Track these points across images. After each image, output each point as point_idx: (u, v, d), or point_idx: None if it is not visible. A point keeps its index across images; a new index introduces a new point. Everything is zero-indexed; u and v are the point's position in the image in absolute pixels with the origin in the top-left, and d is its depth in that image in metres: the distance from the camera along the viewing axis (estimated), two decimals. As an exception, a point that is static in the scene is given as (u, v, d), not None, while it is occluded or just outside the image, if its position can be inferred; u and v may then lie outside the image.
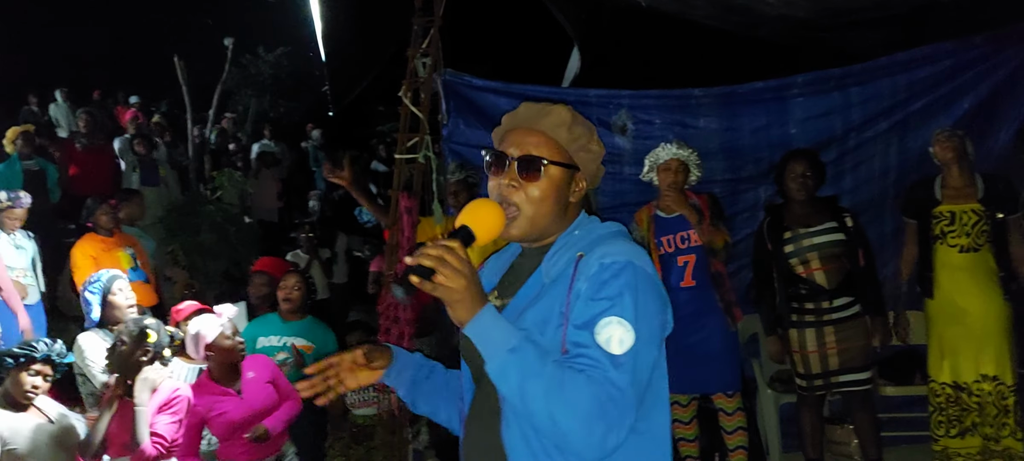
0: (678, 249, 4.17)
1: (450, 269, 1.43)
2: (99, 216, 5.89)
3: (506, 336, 1.46)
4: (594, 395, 1.43)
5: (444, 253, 1.44)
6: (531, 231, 1.64)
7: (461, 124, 5.02)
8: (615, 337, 1.46)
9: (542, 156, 1.61)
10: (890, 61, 4.85)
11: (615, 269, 1.50)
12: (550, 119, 1.64)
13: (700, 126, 5.02)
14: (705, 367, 4.11)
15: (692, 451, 4.29)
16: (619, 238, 1.62)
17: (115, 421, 3.33)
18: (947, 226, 4.05)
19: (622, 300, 1.48)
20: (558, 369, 1.45)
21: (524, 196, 1.61)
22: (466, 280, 1.45)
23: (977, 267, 4.01)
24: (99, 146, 9.33)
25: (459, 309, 1.47)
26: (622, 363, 1.45)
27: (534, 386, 1.44)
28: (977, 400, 4.01)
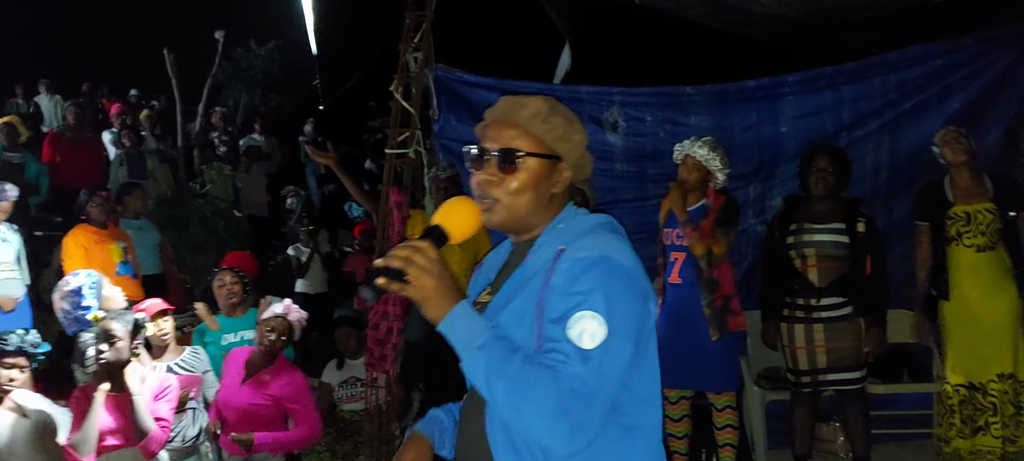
0: (673, 244, 4.17)
1: (417, 269, 1.45)
2: (91, 209, 5.83)
3: (475, 333, 1.47)
4: (559, 391, 1.42)
5: (411, 253, 1.46)
6: (510, 220, 1.63)
7: (452, 119, 5.01)
8: (587, 332, 1.45)
9: (518, 148, 1.60)
10: (881, 60, 4.86)
11: (587, 263, 1.49)
12: (526, 111, 1.63)
13: (691, 124, 5.02)
14: (694, 364, 4.09)
15: (680, 448, 4.29)
16: (601, 231, 1.60)
17: (114, 414, 3.32)
18: (963, 226, 4.04)
19: (594, 295, 1.47)
20: (525, 365, 1.44)
21: (502, 190, 1.61)
22: (434, 279, 1.46)
23: (992, 266, 4.01)
24: (86, 138, 9.26)
25: (429, 308, 1.48)
26: (591, 358, 1.44)
27: (500, 381, 1.44)
28: (992, 400, 4.01)
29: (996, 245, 4.02)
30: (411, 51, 4.79)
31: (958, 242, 4.06)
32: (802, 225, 4.03)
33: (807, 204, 4.08)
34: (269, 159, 11.41)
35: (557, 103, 1.67)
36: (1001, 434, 4.00)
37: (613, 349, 1.46)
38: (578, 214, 1.67)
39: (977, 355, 4.03)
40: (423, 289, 1.46)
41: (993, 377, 4.00)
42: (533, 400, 1.42)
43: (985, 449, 4.03)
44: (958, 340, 4.08)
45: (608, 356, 1.45)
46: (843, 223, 3.99)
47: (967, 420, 4.05)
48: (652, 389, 1.60)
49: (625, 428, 1.54)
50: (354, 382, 4.92)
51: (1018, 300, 4.02)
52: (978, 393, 4.04)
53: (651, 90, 5.17)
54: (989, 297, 4.00)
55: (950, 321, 4.11)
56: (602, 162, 5.09)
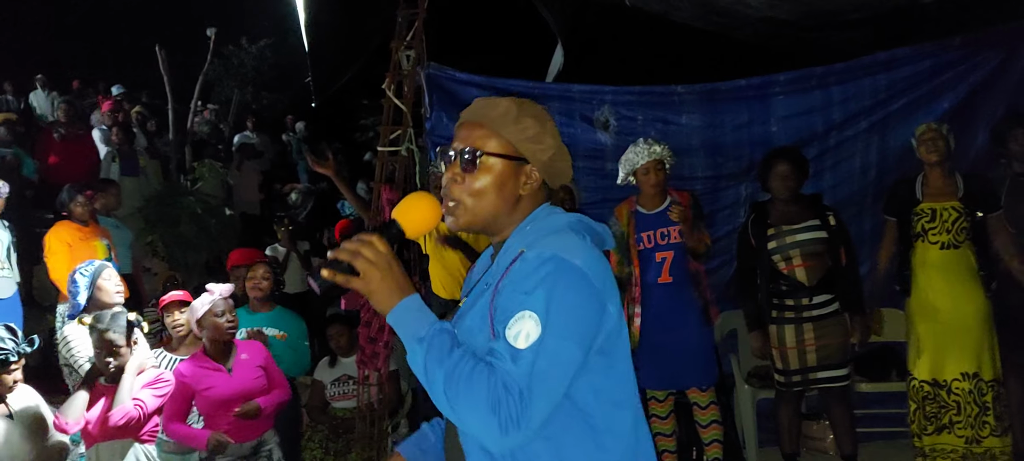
0: (657, 245, 4.18)
1: (364, 261, 1.47)
2: (74, 206, 5.81)
3: (418, 326, 1.48)
4: (490, 389, 1.42)
5: (359, 247, 1.48)
6: (474, 221, 1.63)
7: (444, 117, 5.01)
8: (523, 332, 1.44)
9: (479, 148, 1.60)
10: (871, 61, 4.89)
11: (536, 263, 1.48)
12: (495, 111, 1.63)
13: (682, 123, 5.04)
14: (681, 363, 4.13)
15: (669, 446, 4.31)
16: (564, 233, 1.57)
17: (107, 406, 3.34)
18: (928, 223, 4.08)
19: (535, 294, 1.46)
20: (463, 361, 1.44)
21: (463, 189, 1.61)
22: (380, 272, 1.48)
23: (957, 264, 4.04)
24: (78, 135, 9.23)
25: (376, 300, 1.50)
26: (522, 357, 1.43)
27: (436, 375, 1.44)
28: (956, 399, 4.04)
29: (962, 244, 4.04)
30: (403, 49, 4.79)
31: (924, 238, 4.09)
32: (780, 228, 4.07)
33: (775, 208, 4.13)
34: (261, 156, 11.39)
35: (530, 105, 1.65)
36: (964, 434, 4.03)
37: (548, 349, 1.44)
38: (551, 215, 1.64)
39: (941, 352, 4.06)
40: (370, 282, 1.48)
41: (957, 376, 4.03)
42: (466, 395, 1.42)
43: (948, 447, 4.06)
44: (922, 336, 4.12)
45: (541, 356, 1.43)
46: (817, 220, 4.05)
47: (931, 417, 4.09)
48: (623, 392, 1.58)
49: (593, 430, 1.52)
50: (346, 380, 4.93)
51: (985, 301, 4.05)
52: (942, 390, 4.07)
53: (642, 89, 5.18)
54: (954, 295, 4.03)
55: (915, 317, 4.15)
56: (593, 161, 5.10)
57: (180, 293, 4.22)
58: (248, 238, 9.58)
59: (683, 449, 4.43)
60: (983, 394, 4.02)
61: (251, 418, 3.58)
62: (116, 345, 3.37)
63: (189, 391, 3.62)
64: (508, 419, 1.41)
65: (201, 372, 3.65)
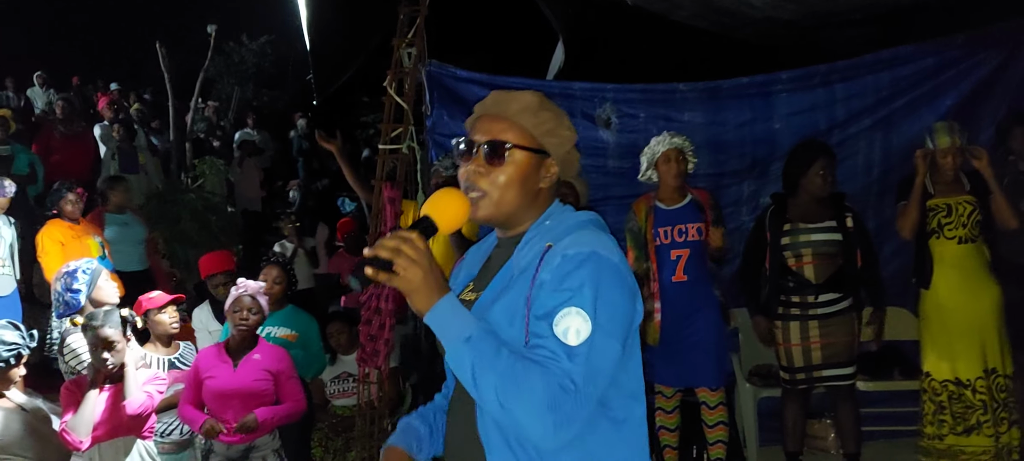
0: (674, 242, 4.15)
1: (406, 259, 1.44)
2: (63, 204, 5.77)
3: (462, 326, 1.46)
4: (547, 386, 1.42)
5: (400, 244, 1.45)
6: (497, 213, 1.63)
7: (444, 115, 5.00)
8: (573, 328, 1.45)
9: (506, 141, 1.60)
10: (874, 58, 4.87)
11: (578, 260, 1.49)
12: (516, 104, 1.63)
13: (684, 120, 5.02)
14: (692, 361, 4.12)
15: (671, 441, 4.30)
16: (589, 227, 1.59)
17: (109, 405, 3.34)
18: (944, 218, 4.05)
19: (582, 291, 1.46)
20: (513, 360, 1.44)
21: (490, 181, 1.61)
22: (422, 270, 1.45)
23: (974, 259, 4.02)
24: (77, 132, 9.21)
25: (417, 299, 1.47)
26: (577, 354, 1.44)
27: (487, 376, 1.43)
28: (982, 398, 4.01)
29: (977, 238, 4.03)
30: (404, 46, 4.77)
31: (940, 234, 4.06)
32: (797, 225, 4.03)
33: (797, 203, 4.08)
34: (262, 154, 11.38)
35: (546, 98, 1.67)
36: (992, 432, 4.01)
37: (599, 346, 1.46)
38: (565, 211, 1.66)
39: (961, 350, 4.03)
40: (411, 280, 1.45)
41: (980, 373, 4.01)
42: (521, 395, 1.42)
43: (978, 448, 4.03)
44: (939, 334, 4.09)
45: (594, 353, 1.45)
46: (834, 220, 4.01)
47: (959, 418, 4.05)
48: (638, 384, 1.61)
49: (614, 422, 1.55)
50: (346, 378, 4.92)
51: (1000, 294, 4.03)
52: (967, 390, 4.04)
53: (644, 86, 5.16)
54: (972, 291, 4.01)
55: (931, 315, 4.12)
56: (594, 158, 5.08)
57: (159, 295, 4.18)
58: (250, 235, 9.58)
59: (683, 446, 4.42)
60: (1002, 390, 4.00)
61: (249, 432, 3.58)
62: (113, 340, 3.35)
63: (199, 377, 3.70)
64: (565, 417, 1.42)
65: (212, 362, 3.73)
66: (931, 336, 4.13)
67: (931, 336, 4.13)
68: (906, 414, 4.52)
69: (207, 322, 4.82)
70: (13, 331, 3.27)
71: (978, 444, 4.04)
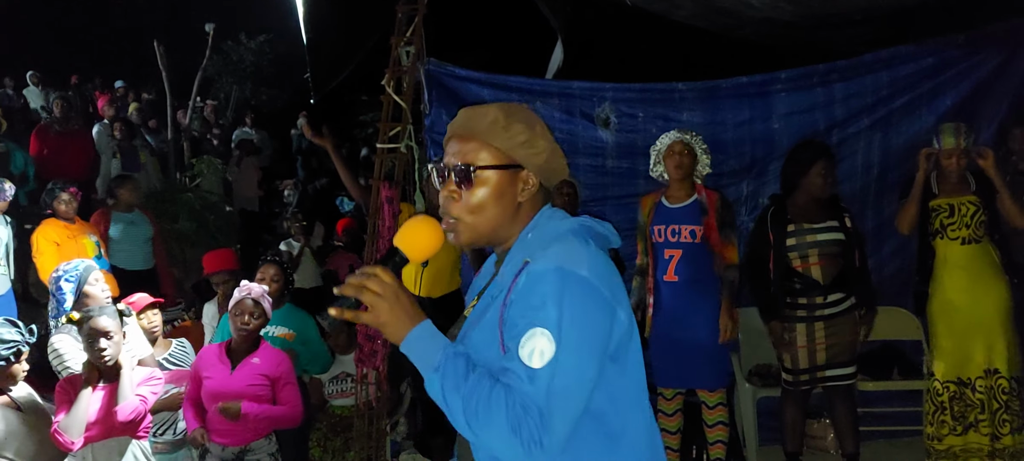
0: (667, 241, 4.12)
1: (371, 295, 1.47)
2: (57, 204, 5.73)
3: (432, 354, 1.47)
4: (510, 410, 1.40)
5: (363, 281, 1.47)
6: (477, 238, 1.61)
7: (443, 114, 4.98)
8: (537, 350, 1.41)
9: (472, 163, 1.57)
10: (873, 58, 4.86)
11: (542, 276, 1.45)
12: (484, 121, 1.58)
13: (683, 120, 5.01)
14: (690, 363, 4.09)
15: (672, 443, 4.29)
16: (566, 239, 1.54)
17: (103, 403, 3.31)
18: (947, 218, 4.04)
19: (545, 310, 1.43)
20: (479, 384, 1.42)
21: (462, 206, 1.58)
22: (388, 304, 1.47)
23: (979, 259, 4.00)
24: (74, 131, 9.17)
25: (388, 332, 1.50)
26: (539, 377, 1.40)
27: (455, 401, 1.43)
28: (980, 397, 4.00)
29: (982, 238, 4.01)
30: (403, 45, 4.76)
31: (943, 235, 4.05)
32: (801, 226, 4.00)
33: (796, 204, 4.04)
34: (261, 153, 11.36)
35: (518, 109, 1.62)
36: (988, 431, 4.00)
37: (565, 365, 1.42)
38: (552, 219, 1.61)
39: (965, 350, 4.02)
40: (379, 314, 1.47)
41: (980, 373, 4.00)
42: (486, 419, 1.41)
43: (975, 446, 4.03)
44: (945, 335, 4.08)
45: (558, 374, 1.41)
46: (836, 220, 3.99)
47: (958, 417, 4.04)
48: (635, 393, 1.57)
49: (610, 436, 1.52)
50: (344, 378, 4.90)
51: (1007, 295, 4.02)
52: (967, 389, 4.03)
53: (643, 86, 5.15)
54: (976, 291, 3.99)
55: (937, 316, 4.11)
56: (593, 158, 5.07)
57: (144, 297, 4.16)
58: (247, 234, 9.56)
59: (684, 447, 4.40)
60: (1004, 392, 3.99)
61: (230, 418, 3.54)
62: (108, 329, 3.29)
63: (199, 375, 3.70)
64: (530, 439, 1.39)
65: (211, 361, 3.72)
66: (936, 336, 4.12)
67: (936, 336, 4.12)
68: (906, 414, 4.52)
69: (215, 317, 4.83)
70: (12, 329, 3.25)
71: (974, 442, 4.04)
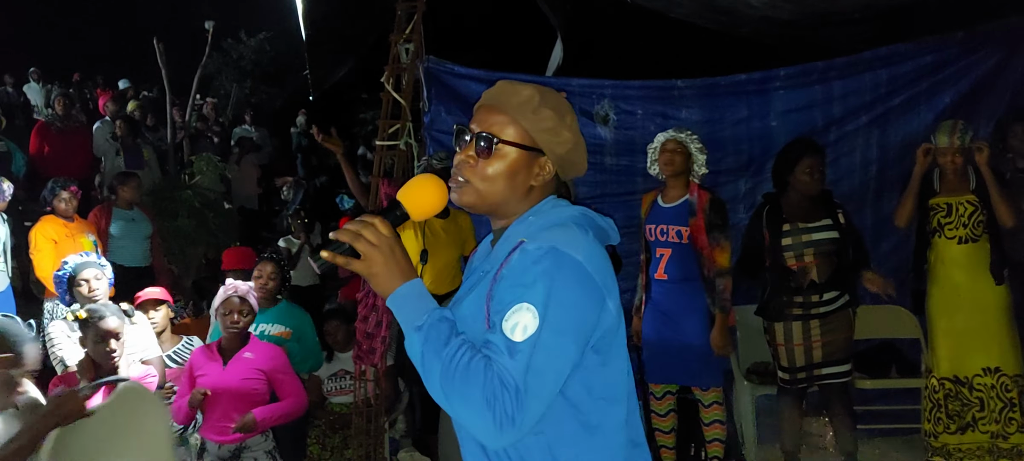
0: (658, 240, 4.14)
1: (366, 243, 1.44)
2: (57, 202, 5.73)
3: (417, 314, 1.45)
4: (486, 382, 1.38)
5: (360, 228, 1.45)
6: (480, 203, 1.60)
7: (442, 111, 4.98)
8: (520, 324, 1.41)
9: (497, 135, 1.57)
10: (872, 56, 4.86)
11: (536, 255, 1.45)
12: (516, 98, 1.58)
13: (682, 117, 5.01)
14: (680, 361, 4.09)
15: (667, 442, 4.29)
16: (567, 226, 1.54)
17: None
18: (944, 218, 4.04)
19: (535, 287, 1.43)
20: (460, 352, 1.41)
21: (475, 173, 1.58)
22: (383, 256, 1.45)
23: (977, 258, 4.01)
24: (75, 129, 9.17)
25: (376, 283, 1.47)
26: (519, 351, 1.40)
27: (433, 365, 1.42)
28: (979, 395, 4.00)
29: (980, 237, 4.01)
30: (402, 42, 4.76)
31: (941, 233, 4.06)
32: (796, 225, 3.99)
33: (790, 203, 4.03)
34: (260, 150, 11.35)
35: (552, 95, 1.62)
36: (989, 429, 4.00)
37: (545, 343, 1.41)
38: (556, 207, 1.61)
39: (962, 348, 4.03)
40: (371, 264, 1.45)
41: (978, 371, 4.00)
42: (462, 387, 1.39)
43: (974, 446, 4.02)
44: (942, 333, 4.09)
45: (539, 350, 1.40)
46: (830, 218, 3.99)
47: (954, 415, 4.04)
48: (616, 388, 1.55)
49: (585, 426, 1.51)
50: (343, 375, 4.91)
51: (1006, 295, 4.02)
52: (964, 388, 4.03)
53: (642, 83, 5.15)
54: (975, 289, 4.00)
55: (935, 313, 4.11)
56: (592, 155, 5.01)
57: (156, 291, 4.17)
58: (247, 232, 9.55)
59: (681, 445, 4.41)
60: (1008, 390, 3.98)
61: (247, 431, 3.55)
62: (118, 332, 3.32)
63: (192, 375, 3.69)
64: (503, 415, 1.37)
65: (203, 360, 3.73)
66: (934, 334, 4.13)
67: (934, 334, 4.13)
68: (903, 412, 4.52)
69: None
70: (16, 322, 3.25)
71: (973, 441, 4.03)
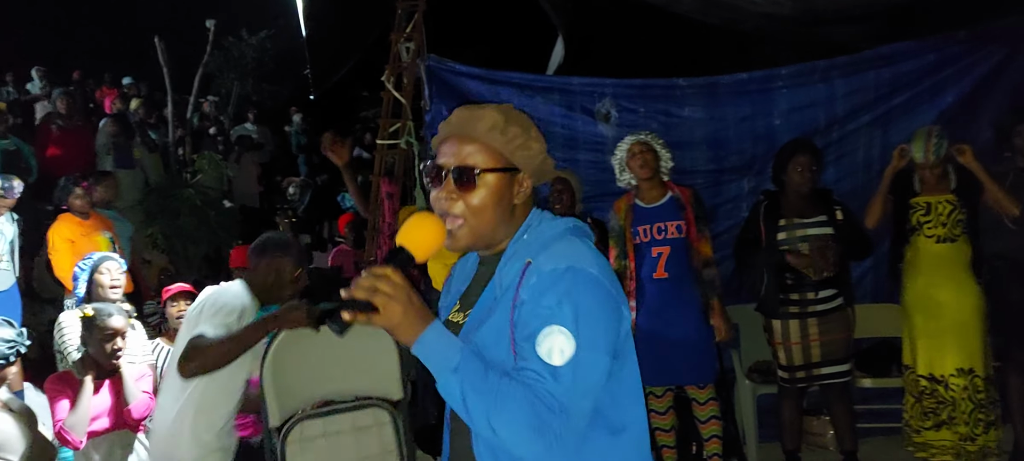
0: (653, 240, 4.13)
1: (383, 297, 1.42)
2: (72, 199, 5.76)
3: (448, 355, 1.45)
4: (533, 409, 1.41)
5: (375, 282, 1.43)
6: (476, 242, 1.61)
7: (443, 110, 4.97)
8: (556, 348, 1.43)
9: (475, 166, 1.56)
10: (874, 55, 4.86)
11: (554, 276, 1.46)
12: (482, 124, 1.58)
13: (684, 115, 5.01)
14: (677, 358, 4.08)
15: (668, 441, 4.29)
16: (566, 238, 1.57)
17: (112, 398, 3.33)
18: (923, 217, 4.07)
19: (561, 308, 1.44)
20: (500, 384, 1.42)
21: (463, 206, 1.57)
22: (401, 306, 1.43)
23: (955, 258, 4.04)
24: (78, 127, 9.16)
25: (400, 334, 1.46)
26: (562, 374, 1.42)
27: (476, 403, 1.42)
28: (952, 394, 4.03)
29: (958, 238, 4.03)
30: (403, 41, 4.76)
31: (920, 232, 4.08)
32: (792, 220, 4.03)
33: (788, 200, 4.08)
34: (261, 149, 11.35)
35: (513, 111, 1.62)
36: (959, 430, 4.01)
37: (584, 363, 1.44)
38: (543, 221, 1.62)
39: (938, 347, 4.05)
40: (392, 317, 1.43)
41: (953, 371, 4.01)
42: (508, 418, 1.41)
43: (947, 443, 4.04)
44: (919, 330, 4.11)
45: (579, 371, 1.43)
46: (825, 215, 4.01)
47: (930, 412, 4.07)
48: (634, 388, 1.59)
49: (611, 430, 1.53)
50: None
51: (980, 296, 4.04)
52: (940, 386, 4.05)
53: (644, 82, 5.15)
54: (952, 290, 4.02)
55: (912, 311, 4.14)
56: (594, 153, 5.07)
57: (186, 285, 4.20)
58: (248, 231, 9.56)
59: (682, 444, 4.41)
60: (979, 391, 4.00)
61: None
62: (123, 331, 3.34)
63: None
64: (554, 438, 1.41)
65: None
66: (909, 331, 4.16)
67: (909, 331, 4.16)
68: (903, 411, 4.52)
69: None
70: (10, 329, 3.25)
71: (946, 439, 4.05)
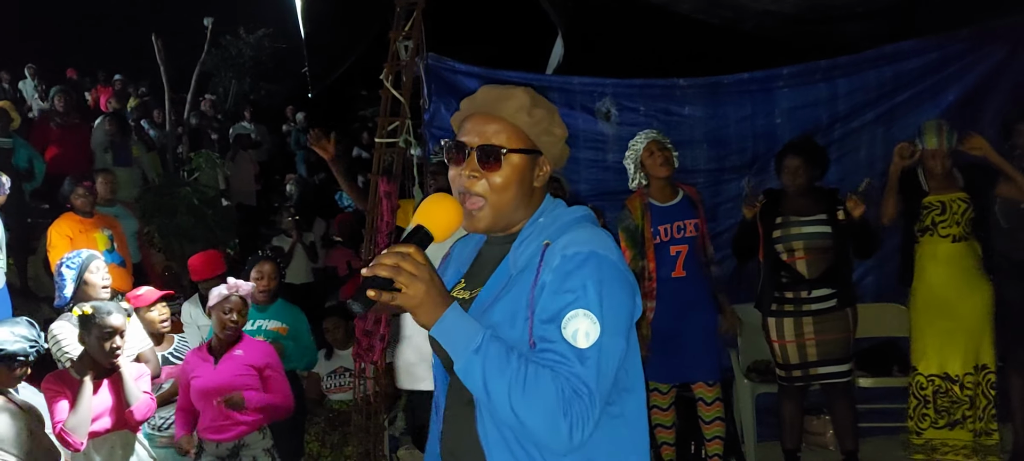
0: (673, 239, 4.13)
1: (407, 275, 1.40)
2: (74, 198, 5.79)
3: (470, 336, 1.43)
4: (559, 391, 1.40)
5: (399, 260, 1.40)
6: (496, 222, 1.59)
7: (442, 109, 4.95)
8: (582, 330, 1.43)
9: (502, 145, 1.56)
10: (876, 53, 4.86)
11: (578, 260, 1.46)
12: (510, 104, 1.58)
13: (685, 114, 4.99)
14: (688, 356, 4.10)
15: (668, 438, 4.28)
16: (584, 224, 1.57)
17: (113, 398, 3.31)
18: (938, 216, 4.05)
19: (586, 292, 1.44)
20: (523, 366, 1.41)
21: (486, 185, 1.56)
22: (425, 285, 1.41)
23: (967, 257, 4.04)
24: (75, 125, 9.12)
25: (421, 314, 1.43)
26: (588, 357, 1.43)
27: (498, 384, 1.41)
28: (969, 393, 4.02)
29: (969, 236, 4.04)
30: (402, 39, 4.73)
31: (933, 232, 4.07)
32: (788, 218, 4.03)
33: (787, 198, 4.09)
34: (258, 147, 11.33)
35: (539, 95, 1.62)
36: (975, 427, 4.03)
37: (607, 347, 1.44)
38: (557, 206, 1.63)
39: (950, 346, 4.04)
40: (414, 296, 1.41)
41: (969, 369, 4.02)
42: (533, 400, 1.40)
43: (959, 443, 4.04)
44: (929, 330, 4.10)
45: (604, 354, 1.44)
46: (825, 214, 4.00)
47: (943, 411, 4.06)
48: (635, 377, 1.59)
49: (612, 416, 1.53)
50: (342, 372, 4.89)
51: (991, 292, 4.04)
52: (955, 385, 4.05)
53: (644, 81, 5.14)
54: (965, 288, 4.02)
55: (921, 311, 4.12)
56: (594, 152, 5.05)
57: (145, 293, 4.14)
58: (245, 229, 9.54)
59: (681, 443, 4.40)
60: (992, 387, 4.02)
61: (236, 409, 3.52)
62: (122, 329, 3.30)
63: (186, 380, 3.67)
64: (579, 420, 1.40)
65: (195, 362, 3.70)
66: (920, 331, 4.15)
67: (920, 331, 4.15)
68: (905, 411, 4.49)
69: (197, 317, 4.76)
70: (31, 328, 3.23)
71: (959, 438, 4.06)
